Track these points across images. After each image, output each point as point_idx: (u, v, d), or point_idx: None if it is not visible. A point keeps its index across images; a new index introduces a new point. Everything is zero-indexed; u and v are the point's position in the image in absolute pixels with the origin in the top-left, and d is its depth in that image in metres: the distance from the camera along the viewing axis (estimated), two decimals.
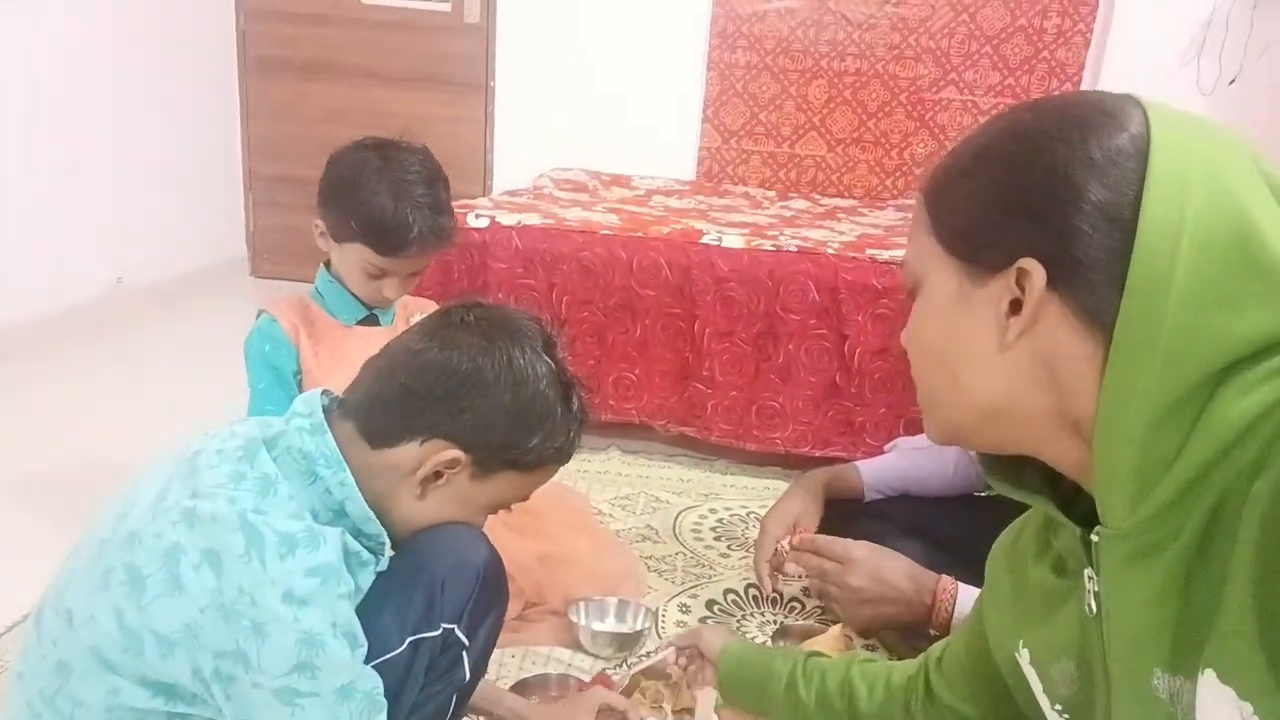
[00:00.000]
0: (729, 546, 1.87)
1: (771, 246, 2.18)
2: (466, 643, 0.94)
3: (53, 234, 2.84)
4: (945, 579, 1.33)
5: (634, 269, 2.12)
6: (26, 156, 2.72)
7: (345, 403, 0.93)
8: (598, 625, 1.48)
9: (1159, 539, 0.51)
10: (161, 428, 1.80)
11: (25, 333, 2.70)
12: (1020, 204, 0.54)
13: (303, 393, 1.35)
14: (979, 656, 0.81)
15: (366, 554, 0.87)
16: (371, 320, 1.51)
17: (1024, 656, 0.70)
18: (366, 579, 0.88)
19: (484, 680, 1.06)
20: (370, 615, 0.85)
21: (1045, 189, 0.53)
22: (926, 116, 3.44)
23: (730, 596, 1.67)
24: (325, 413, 0.89)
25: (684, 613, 1.61)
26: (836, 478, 1.62)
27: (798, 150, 3.54)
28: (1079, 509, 0.59)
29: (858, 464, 1.65)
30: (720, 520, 1.98)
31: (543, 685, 1.33)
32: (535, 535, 1.57)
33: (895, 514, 1.53)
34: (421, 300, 1.69)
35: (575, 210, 2.46)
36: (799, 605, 1.65)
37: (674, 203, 2.90)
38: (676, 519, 1.97)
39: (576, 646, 1.46)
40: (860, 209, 3.12)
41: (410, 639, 0.89)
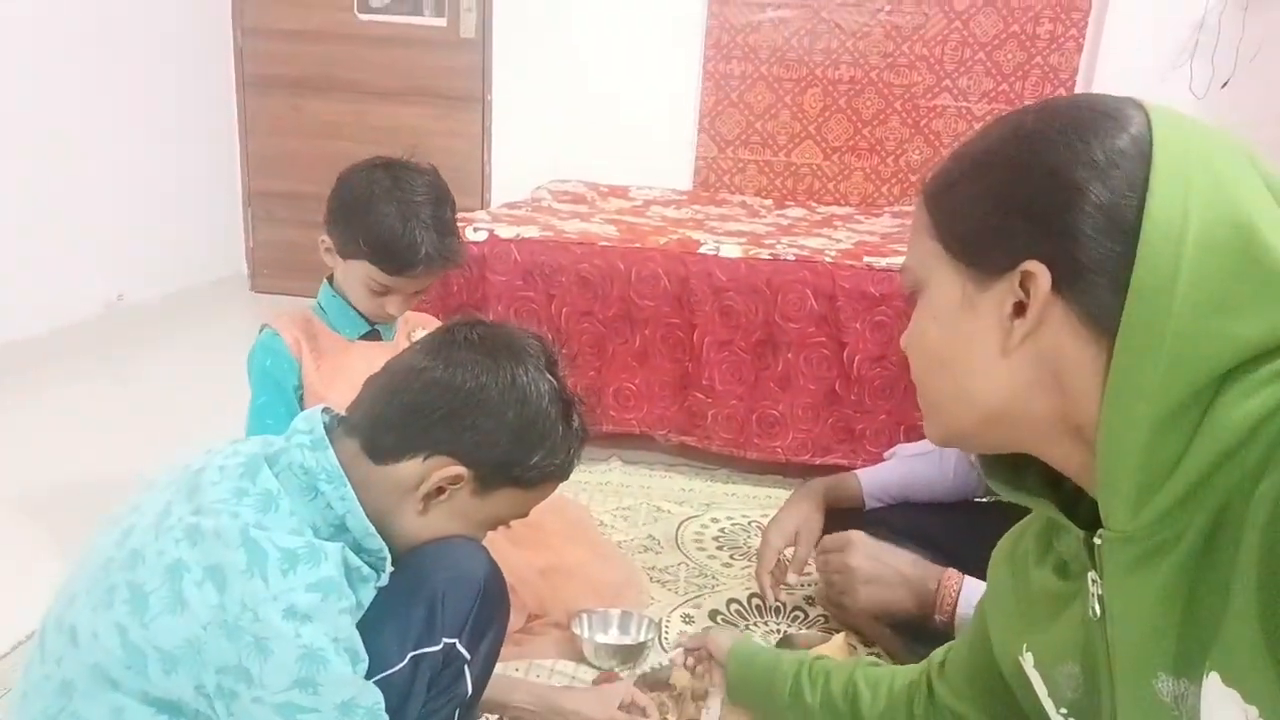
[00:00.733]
0: (731, 556, 1.87)
1: (768, 255, 2.19)
2: (468, 657, 0.94)
3: (53, 251, 2.86)
4: (950, 570, 1.34)
5: (632, 280, 2.13)
6: (25, 174, 2.74)
7: (347, 420, 0.94)
8: (601, 637, 1.48)
9: (1162, 542, 0.51)
10: (163, 445, 1.80)
11: (25, 350, 2.71)
12: (1023, 206, 0.54)
13: (304, 408, 1.37)
14: (982, 660, 0.81)
15: (367, 569, 0.87)
16: (373, 335, 1.51)
17: (1028, 660, 0.70)
18: (367, 594, 0.88)
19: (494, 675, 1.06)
20: (371, 631, 0.85)
21: (1048, 191, 0.53)
22: (921, 123, 3.46)
23: (734, 606, 1.67)
24: (327, 430, 0.90)
25: (687, 623, 1.61)
26: (836, 486, 1.63)
27: (794, 159, 3.55)
28: (1081, 511, 0.59)
29: (857, 472, 1.65)
30: (722, 530, 1.98)
31: None
32: (537, 548, 1.57)
33: (896, 521, 1.53)
34: (423, 315, 1.70)
35: (573, 222, 2.46)
36: (802, 614, 1.65)
37: (671, 213, 2.91)
38: (678, 529, 1.97)
39: (580, 659, 1.46)
40: (857, 216, 3.13)
41: (411, 654, 0.89)
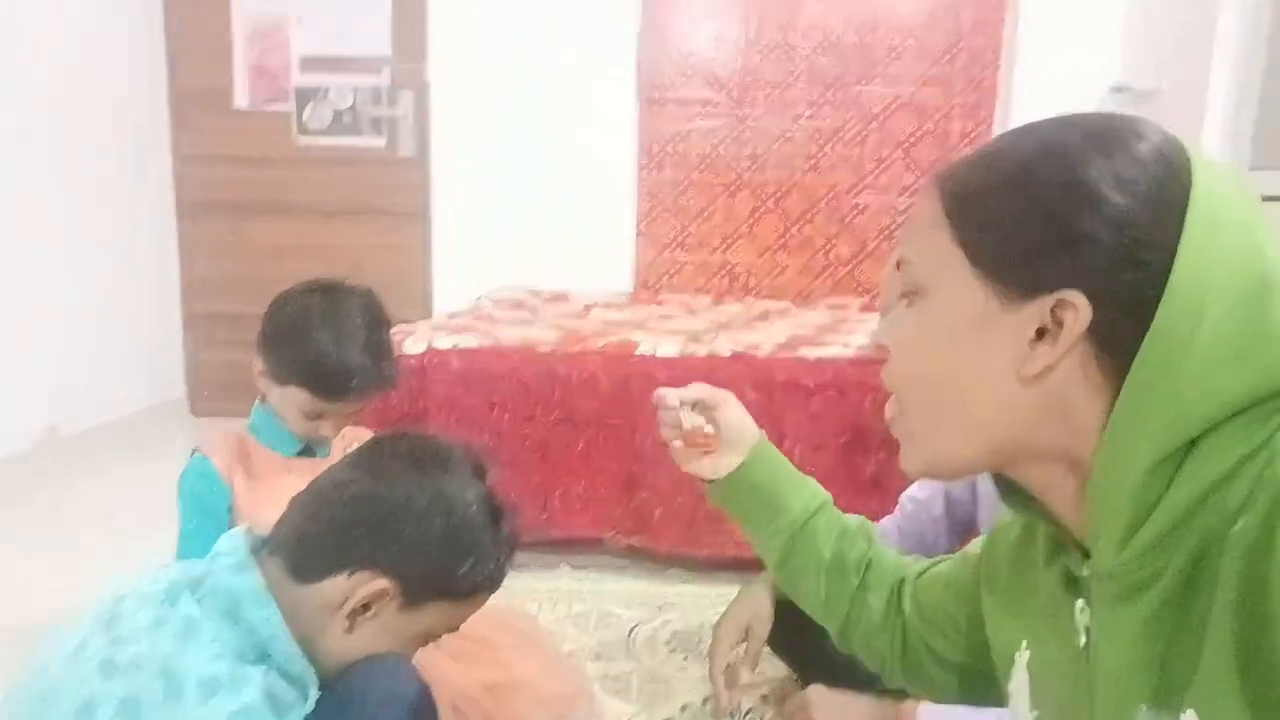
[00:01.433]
0: (685, 658, 1.84)
1: (705, 352, 2.24)
2: None
3: None
4: (906, 704, 1.31)
5: (572, 383, 2.15)
6: None
7: (272, 540, 0.93)
8: None
9: (1142, 580, 0.51)
10: (99, 579, 1.73)
11: None
12: (1068, 233, 0.52)
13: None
14: (961, 605, 0.77)
15: (293, 694, 0.85)
16: (309, 453, 1.50)
17: (1024, 658, 0.67)
18: None
19: None
20: None
21: (1092, 222, 0.51)
22: (847, 220, 3.61)
23: (687, 713, 1.64)
24: (252, 551, 0.89)
25: None
26: None
27: (729, 257, 3.67)
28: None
29: None
30: (675, 632, 1.95)
31: None
32: (482, 663, 1.53)
33: None
34: (361, 430, 1.69)
35: (514, 329, 2.50)
36: (758, 717, 1.61)
37: (612, 315, 2.97)
38: (630, 633, 1.93)
39: None
40: (792, 310, 3.22)
41: None
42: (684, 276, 3.67)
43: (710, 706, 1.63)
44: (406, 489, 0.91)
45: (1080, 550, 0.57)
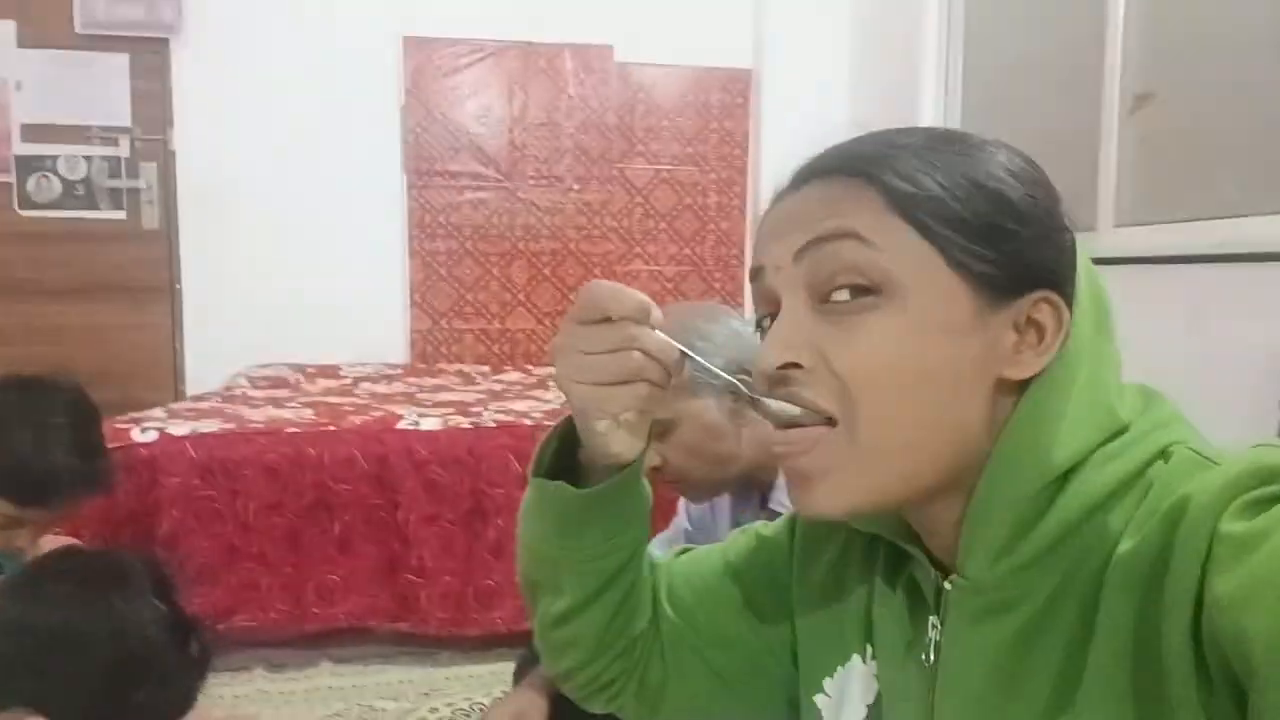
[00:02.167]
0: None
1: (470, 424, 2.21)
2: None
3: None
4: None
5: (326, 464, 2.05)
6: None
7: None
8: None
9: (1010, 598, 0.50)
10: None
11: None
12: (1046, 234, 0.51)
13: None
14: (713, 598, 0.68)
15: None
16: None
17: (863, 669, 0.61)
18: None
19: None
20: None
21: (1057, 221, 0.52)
22: None
23: None
24: None
25: None
26: None
27: (508, 325, 3.68)
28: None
29: None
30: (441, 719, 1.88)
31: None
32: None
33: None
34: (64, 541, 1.51)
35: (266, 409, 2.36)
36: None
37: (382, 388, 2.87)
38: None
39: None
40: None
41: None
42: (464, 345, 3.64)
43: None
44: (68, 614, 0.82)
45: (936, 567, 0.55)
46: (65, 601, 0.83)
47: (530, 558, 0.65)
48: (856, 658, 0.61)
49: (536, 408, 2.47)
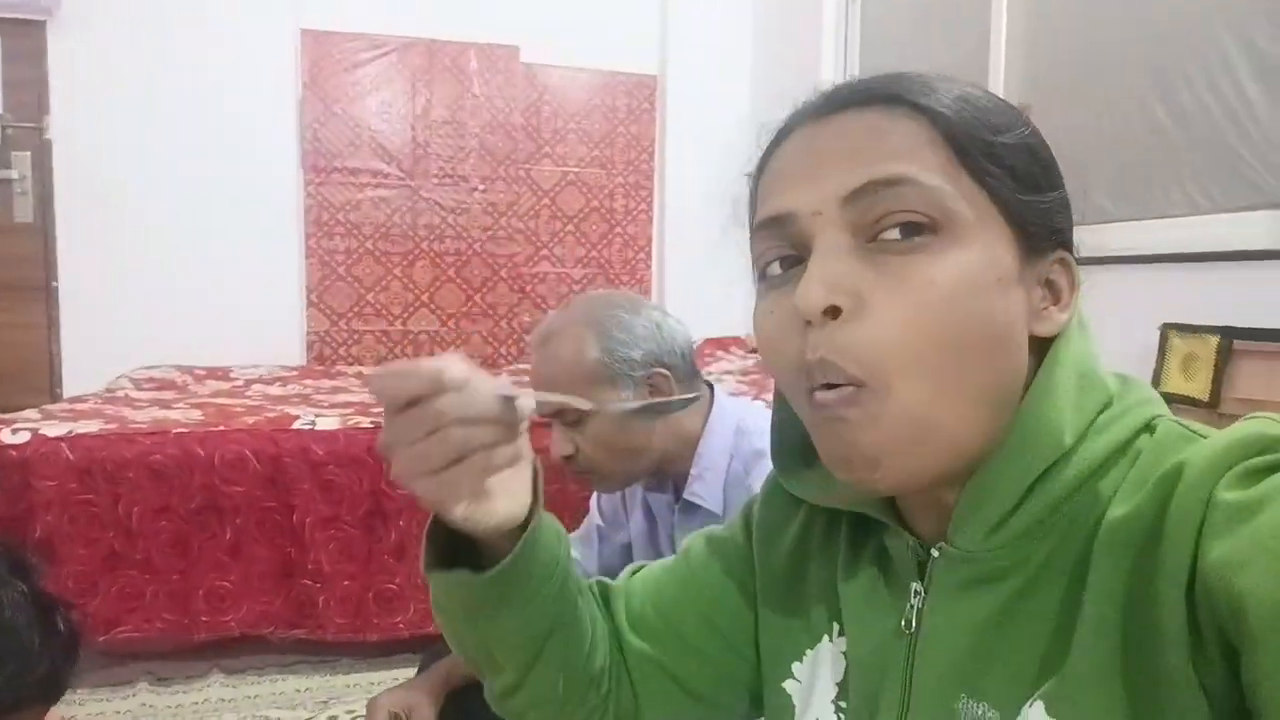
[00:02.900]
0: None
1: (370, 424, 2.15)
2: None
3: None
4: None
5: (216, 465, 1.96)
6: None
7: None
8: None
9: (999, 569, 0.50)
10: None
11: None
12: (1061, 188, 0.51)
13: None
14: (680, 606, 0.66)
15: None
16: None
17: (833, 647, 0.60)
18: None
19: None
20: None
21: (1062, 182, 0.52)
22: (527, 289, 3.71)
23: None
24: None
25: None
26: (459, 663, 1.56)
27: (410, 326, 3.61)
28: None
29: None
30: None
31: None
32: None
33: None
34: None
35: (150, 410, 2.24)
36: None
37: (275, 390, 2.77)
38: None
39: None
40: None
41: None
42: (364, 347, 3.55)
43: None
44: None
45: (914, 535, 0.54)
46: None
47: (457, 647, 0.61)
48: (825, 639, 0.60)
49: None
